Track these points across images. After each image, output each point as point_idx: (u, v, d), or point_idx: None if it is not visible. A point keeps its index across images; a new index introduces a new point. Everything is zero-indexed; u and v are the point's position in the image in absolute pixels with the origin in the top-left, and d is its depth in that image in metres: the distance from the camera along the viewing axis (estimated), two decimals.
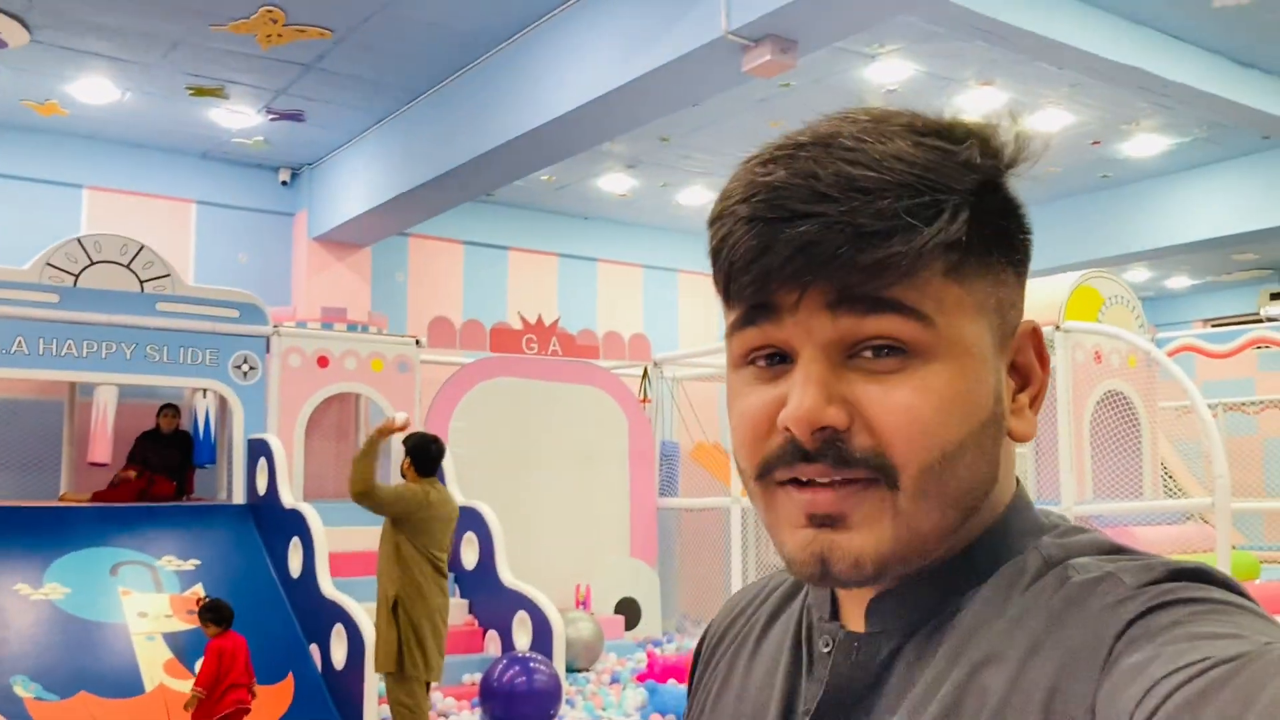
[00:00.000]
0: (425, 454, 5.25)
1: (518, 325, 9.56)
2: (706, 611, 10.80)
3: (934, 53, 7.20)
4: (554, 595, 7.55)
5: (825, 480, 0.65)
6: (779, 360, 0.67)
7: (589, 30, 6.32)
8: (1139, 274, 12.34)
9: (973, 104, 8.09)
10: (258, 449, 7.68)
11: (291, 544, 7.05)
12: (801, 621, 0.77)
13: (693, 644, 8.85)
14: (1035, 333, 0.71)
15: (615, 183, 10.10)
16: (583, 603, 8.94)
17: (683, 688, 6.89)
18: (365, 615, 6.27)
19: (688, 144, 9.05)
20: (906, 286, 0.63)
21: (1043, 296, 8.73)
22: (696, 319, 12.05)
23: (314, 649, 6.65)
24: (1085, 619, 0.60)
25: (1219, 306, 13.42)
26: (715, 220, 0.68)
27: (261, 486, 7.57)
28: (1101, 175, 9.91)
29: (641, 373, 10.47)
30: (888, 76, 7.60)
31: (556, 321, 9.72)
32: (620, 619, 9.13)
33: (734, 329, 0.69)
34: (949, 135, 0.66)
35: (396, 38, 6.97)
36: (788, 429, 0.64)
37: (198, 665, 6.14)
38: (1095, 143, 9.02)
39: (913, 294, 0.63)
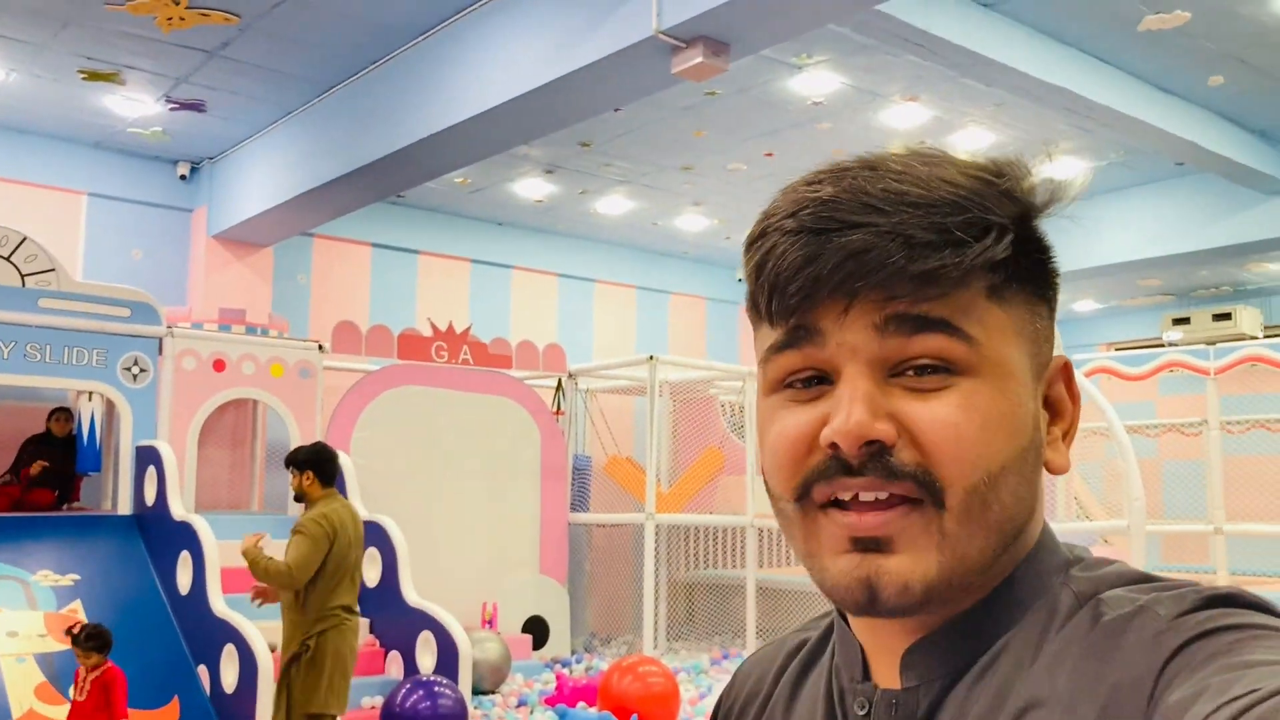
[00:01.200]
0: (325, 461, 4.90)
1: (427, 332, 9.24)
2: (616, 629, 10.58)
3: (861, 66, 7.11)
4: (459, 614, 7.25)
5: (870, 498, 0.64)
6: (816, 382, 0.66)
7: (513, 25, 6.07)
8: None
9: (897, 119, 8.04)
10: (147, 456, 7.23)
11: (181, 558, 6.63)
12: (831, 685, 0.74)
13: (602, 664, 8.65)
14: (1067, 367, 0.72)
15: (532, 188, 9.85)
16: (489, 622, 8.63)
17: (591, 712, 6.65)
18: (259, 635, 5.90)
19: (609, 150, 8.84)
20: (953, 305, 0.64)
21: None
22: (612, 330, 11.83)
23: (203, 670, 6.24)
24: (1124, 656, 0.59)
25: (1123, 330, 13.66)
26: (757, 239, 0.67)
27: (150, 497, 7.12)
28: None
29: (555, 384, 10.23)
30: (814, 88, 7.49)
31: (468, 329, 9.43)
32: (528, 638, 8.85)
33: (772, 352, 0.67)
34: (989, 169, 0.67)
35: (307, 26, 6.63)
36: (834, 445, 0.63)
37: (72, 690, 5.71)
38: None
39: (958, 313, 0.64)
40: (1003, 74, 6.57)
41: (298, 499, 4.96)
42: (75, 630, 5.22)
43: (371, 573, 7.25)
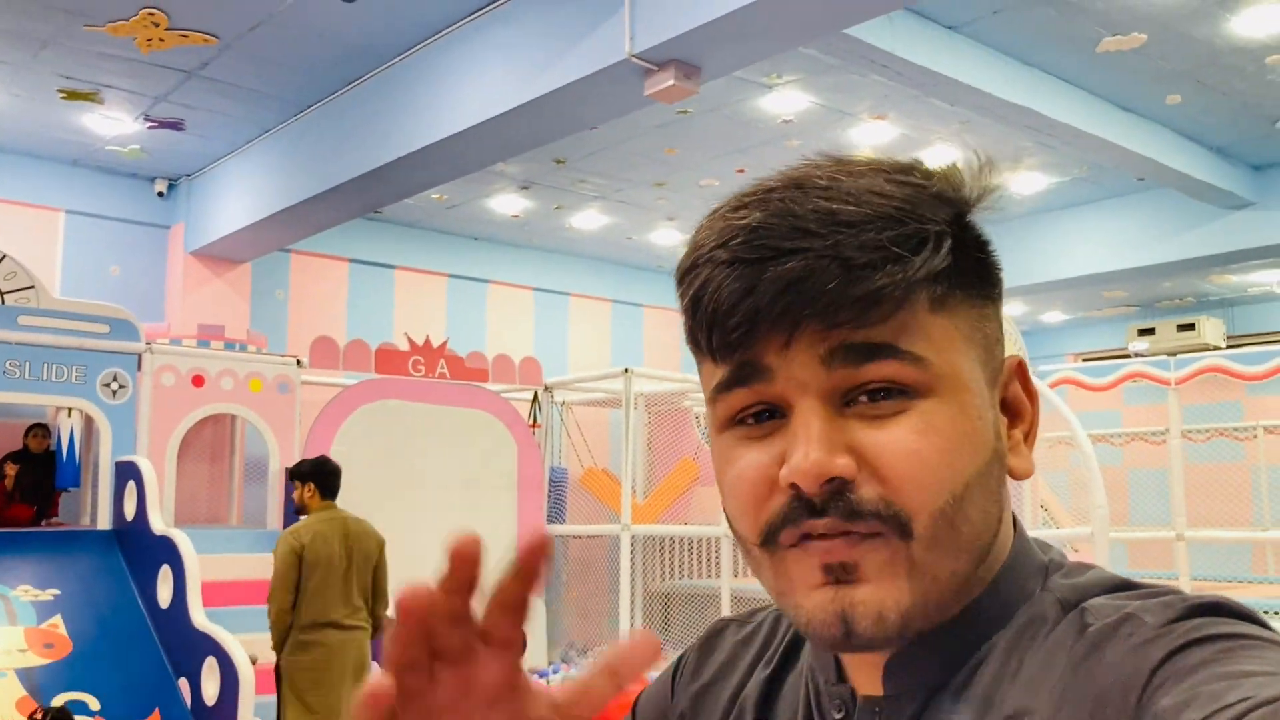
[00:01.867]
0: (327, 475, 4.97)
1: (404, 346, 9.33)
2: (593, 640, 10.67)
3: (830, 85, 7.28)
4: None
5: (834, 534, 0.62)
6: (768, 416, 0.64)
7: (489, 47, 6.20)
8: (1016, 307, 12.72)
9: (866, 137, 8.22)
10: (126, 472, 7.27)
11: (161, 572, 6.68)
12: (808, 684, 0.73)
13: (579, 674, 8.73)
14: (1021, 367, 0.70)
15: (508, 204, 9.97)
16: None
17: None
18: (240, 647, 5.97)
19: (583, 167, 8.97)
20: (897, 326, 0.62)
21: None
22: (587, 343, 11.96)
23: (183, 683, 6.29)
24: (1111, 664, 0.58)
25: (1090, 341, 13.91)
26: (689, 271, 0.65)
27: (130, 511, 7.17)
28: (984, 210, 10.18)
29: (531, 397, 10.33)
30: (784, 107, 7.66)
31: (445, 343, 9.52)
32: None
33: (719, 390, 0.65)
34: (916, 173, 0.65)
35: (286, 47, 6.74)
36: (793, 485, 0.61)
37: (54, 702, 5.77)
38: None
39: (904, 334, 0.62)
40: (967, 94, 6.75)
41: (299, 511, 5.00)
42: (38, 715, 5.27)
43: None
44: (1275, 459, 10.61)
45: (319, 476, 4.90)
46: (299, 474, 4.97)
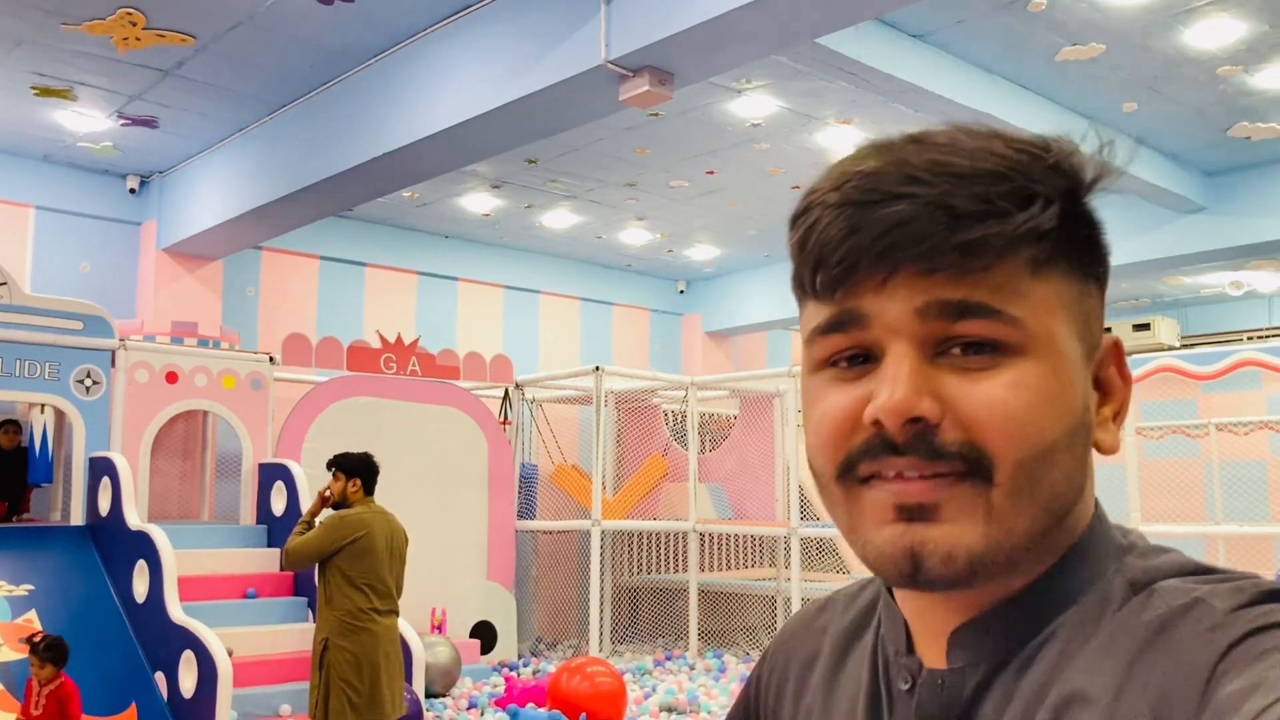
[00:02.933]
0: (372, 473, 5.09)
1: (376, 344, 9.40)
2: (562, 634, 10.80)
3: (798, 91, 7.44)
4: (409, 619, 7.41)
5: (915, 474, 0.63)
6: (862, 360, 0.65)
7: (464, 51, 6.31)
8: None
9: (832, 142, 8.40)
10: (100, 468, 7.32)
11: (137, 567, 6.74)
12: (877, 656, 0.74)
13: (549, 667, 8.87)
14: (1118, 346, 0.70)
15: (479, 202, 10.06)
16: (438, 627, 8.81)
17: (541, 712, 6.87)
18: (218, 641, 6.05)
19: (554, 167, 9.09)
20: (995, 282, 0.63)
21: None
22: (557, 341, 12.07)
23: (160, 677, 6.36)
24: (1179, 647, 0.58)
25: None
26: (801, 214, 0.67)
27: (104, 507, 7.22)
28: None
29: (502, 394, 10.43)
30: (753, 111, 7.81)
31: (416, 341, 9.60)
32: (476, 643, 9.04)
33: (818, 334, 0.67)
34: (1037, 144, 0.66)
35: (262, 48, 6.80)
36: (877, 422, 0.63)
37: (27, 703, 5.81)
38: None
39: (1000, 292, 0.63)
40: (931, 100, 6.93)
41: (335, 505, 5.01)
42: (36, 639, 5.34)
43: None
44: (1228, 455, 10.90)
45: (365, 472, 5.02)
46: (345, 467, 5.02)
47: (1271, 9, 6.31)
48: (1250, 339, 11.69)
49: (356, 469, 5.04)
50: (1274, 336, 12.05)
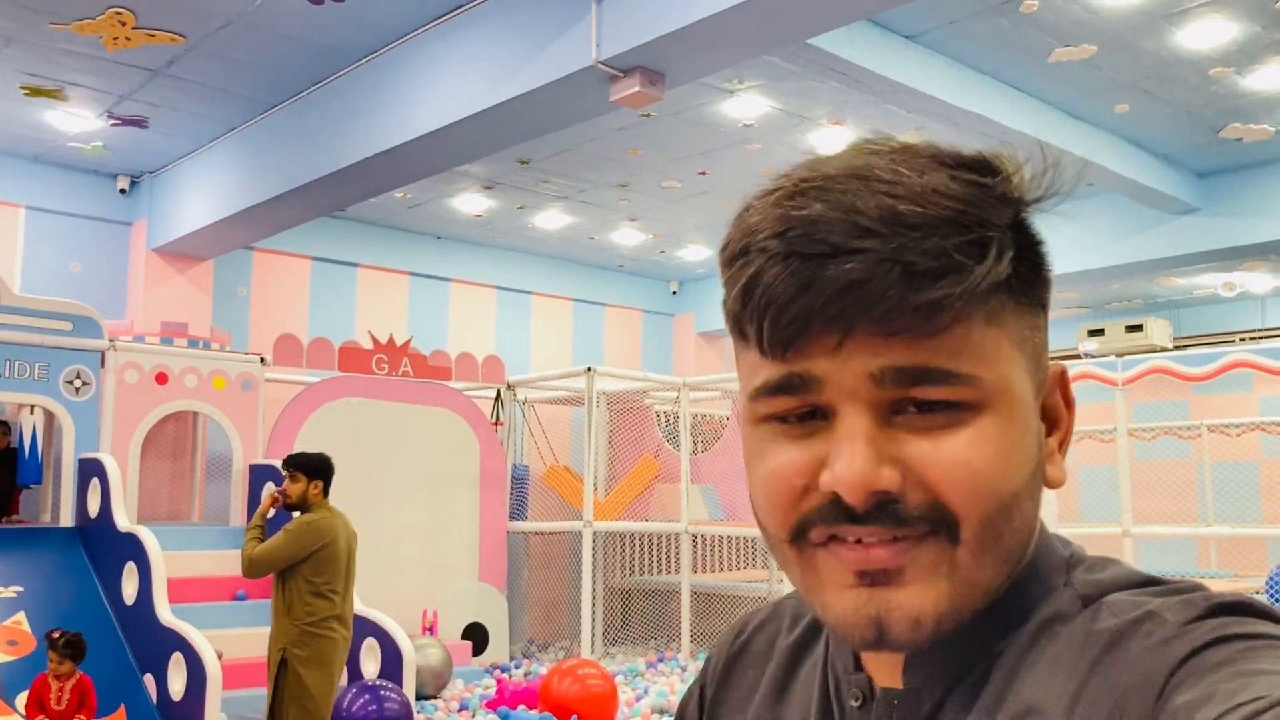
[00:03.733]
0: (330, 474, 4.96)
1: (368, 344, 9.38)
2: (554, 636, 10.78)
3: (790, 91, 7.44)
4: (400, 621, 7.40)
5: (875, 540, 0.61)
6: (810, 416, 0.62)
7: (456, 51, 6.29)
8: None
9: (824, 142, 8.39)
10: (90, 469, 7.29)
11: (126, 569, 6.71)
12: (827, 671, 0.73)
13: (540, 669, 8.86)
14: (1063, 375, 0.68)
15: (471, 203, 10.04)
16: (430, 629, 8.79)
17: (532, 714, 6.85)
18: (207, 644, 6.02)
19: (546, 168, 9.07)
20: (952, 344, 0.60)
21: None
22: (549, 342, 12.05)
23: (149, 679, 6.33)
24: (1132, 660, 0.58)
25: None
26: (739, 256, 0.62)
27: (93, 509, 7.19)
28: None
29: (494, 395, 10.41)
30: (745, 112, 7.80)
31: (408, 342, 9.58)
32: (468, 645, 9.02)
33: (764, 393, 0.63)
34: (980, 168, 0.63)
35: (253, 48, 6.78)
36: (834, 492, 0.60)
37: (19, 700, 5.79)
38: None
39: (958, 355, 0.60)
40: (922, 101, 6.93)
41: (291, 508, 4.93)
42: (56, 636, 5.41)
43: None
44: (1219, 457, 10.92)
45: (325, 473, 4.88)
46: (304, 468, 4.84)
47: (1262, 10, 6.32)
48: (1243, 340, 11.71)
49: (317, 470, 4.86)
50: (1267, 338, 12.07)
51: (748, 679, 0.81)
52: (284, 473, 4.94)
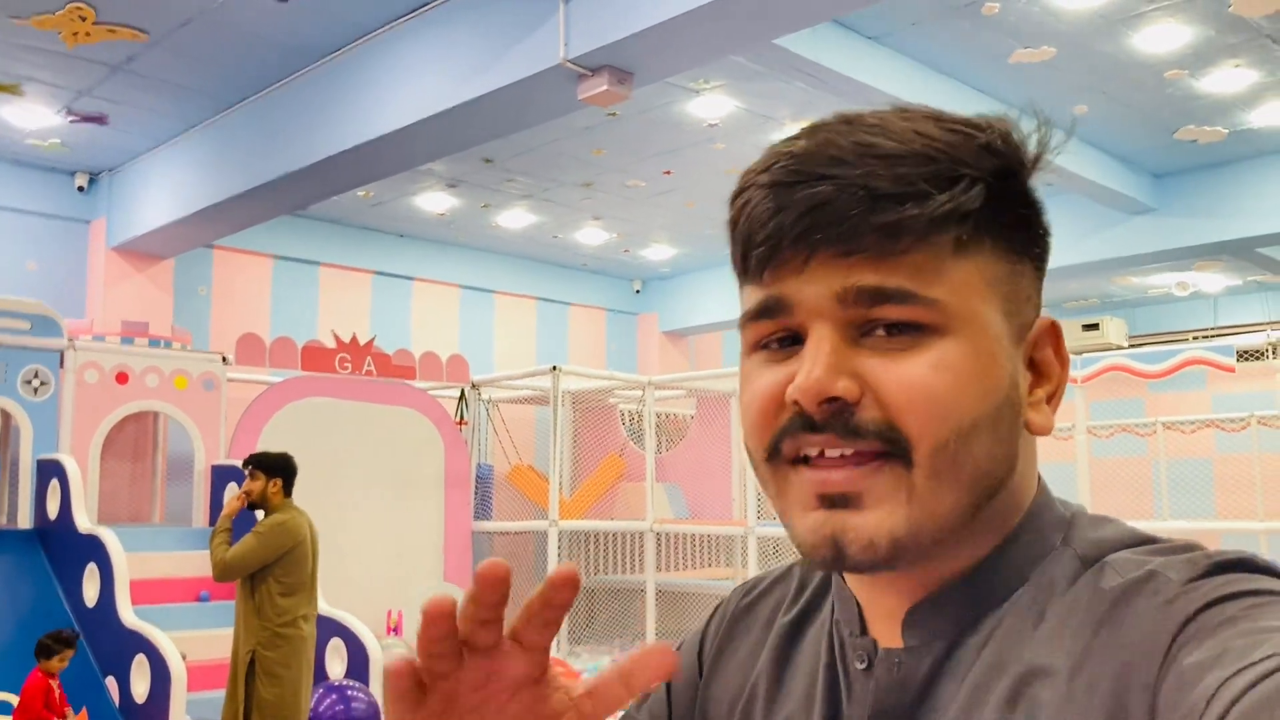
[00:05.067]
0: (293, 473, 4.91)
1: (330, 344, 9.32)
2: None
3: (755, 91, 7.48)
4: (365, 621, 7.36)
5: (836, 454, 0.63)
6: (790, 343, 0.66)
7: (422, 49, 6.27)
8: None
9: None
10: (49, 470, 7.19)
11: (87, 571, 6.63)
12: (833, 636, 0.74)
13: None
14: (1054, 329, 0.70)
15: (434, 201, 10.00)
16: (395, 629, 8.75)
17: None
18: (171, 645, 5.97)
19: (511, 167, 9.06)
20: (914, 266, 0.63)
21: None
22: (513, 341, 12.03)
23: (111, 683, 6.26)
24: (1137, 620, 0.58)
25: None
26: (736, 195, 0.68)
27: (53, 510, 7.09)
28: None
29: (458, 395, 10.38)
30: (710, 111, 7.84)
31: (372, 341, 9.53)
32: None
33: (748, 319, 0.68)
34: (971, 124, 0.66)
35: (216, 44, 6.72)
36: (796, 402, 0.64)
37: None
38: None
39: (921, 277, 0.63)
40: (885, 101, 6.94)
41: (253, 506, 4.90)
42: (67, 636, 5.58)
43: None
44: (1174, 453, 11.10)
45: (286, 472, 4.84)
46: (265, 466, 4.82)
47: (1217, 15, 6.44)
48: (1195, 339, 11.92)
49: (276, 468, 4.83)
50: (1218, 336, 12.29)
51: (752, 637, 0.82)
52: (245, 471, 4.91)
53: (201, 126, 7.99)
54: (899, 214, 0.62)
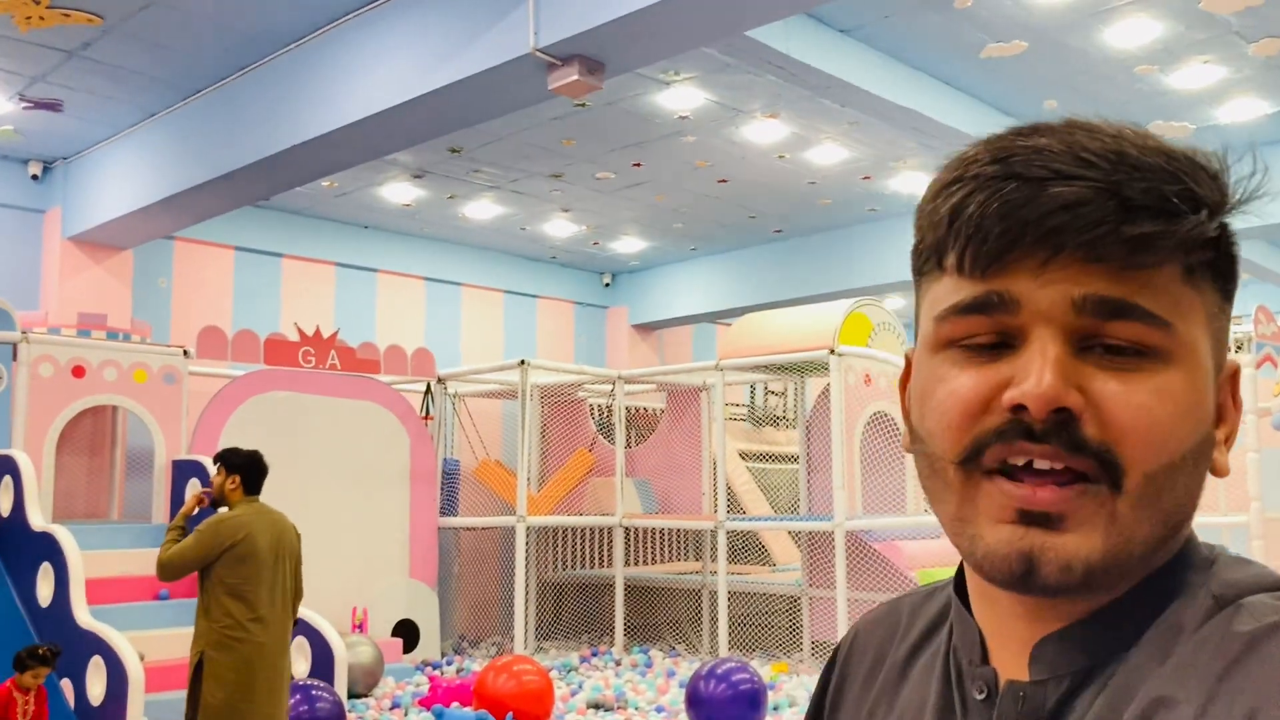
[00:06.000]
0: (257, 472, 4.74)
1: (294, 337, 9.17)
2: (485, 632, 10.67)
3: (726, 84, 7.41)
4: (330, 618, 7.25)
5: (1045, 467, 0.61)
6: (994, 346, 0.63)
7: (389, 36, 6.14)
8: (896, 302, 13.11)
9: (758, 135, 8.39)
10: (2, 466, 7.01)
11: (41, 570, 6.47)
12: (949, 664, 0.72)
13: (473, 665, 8.75)
14: (1236, 373, 0.69)
15: (399, 192, 9.86)
16: (359, 626, 8.63)
17: (467, 711, 6.76)
18: (128, 645, 5.82)
19: (478, 157, 8.94)
20: (1153, 285, 0.61)
21: (817, 322, 9.14)
22: (480, 334, 11.91)
23: (66, 684, 6.11)
24: (1269, 666, 0.57)
25: None
26: (950, 184, 0.64)
27: (5, 507, 6.92)
28: (869, 209, 10.47)
29: (424, 389, 10.26)
30: (680, 103, 7.76)
31: (335, 334, 9.39)
32: (398, 642, 8.88)
33: (956, 312, 0.64)
34: (1196, 151, 0.65)
35: (174, 30, 6.56)
36: (1018, 407, 0.61)
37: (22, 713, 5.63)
38: (866, 177, 9.52)
39: (1157, 297, 0.61)
40: (856, 95, 6.95)
41: (215, 503, 4.75)
42: (42, 652, 5.42)
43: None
44: None
45: (249, 471, 4.66)
46: (230, 463, 4.66)
47: (1186, 10, 6.44)
48: None
49: (241, 467, 4.65)
50: None
51: (861, 674, 0.81)
52: (215, 467, 4.78)
53: (161, 115, 7.81)
54: (1152, 227, 0.60)
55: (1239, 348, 7.62)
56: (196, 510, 4.83)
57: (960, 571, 0.73)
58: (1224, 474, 0.66)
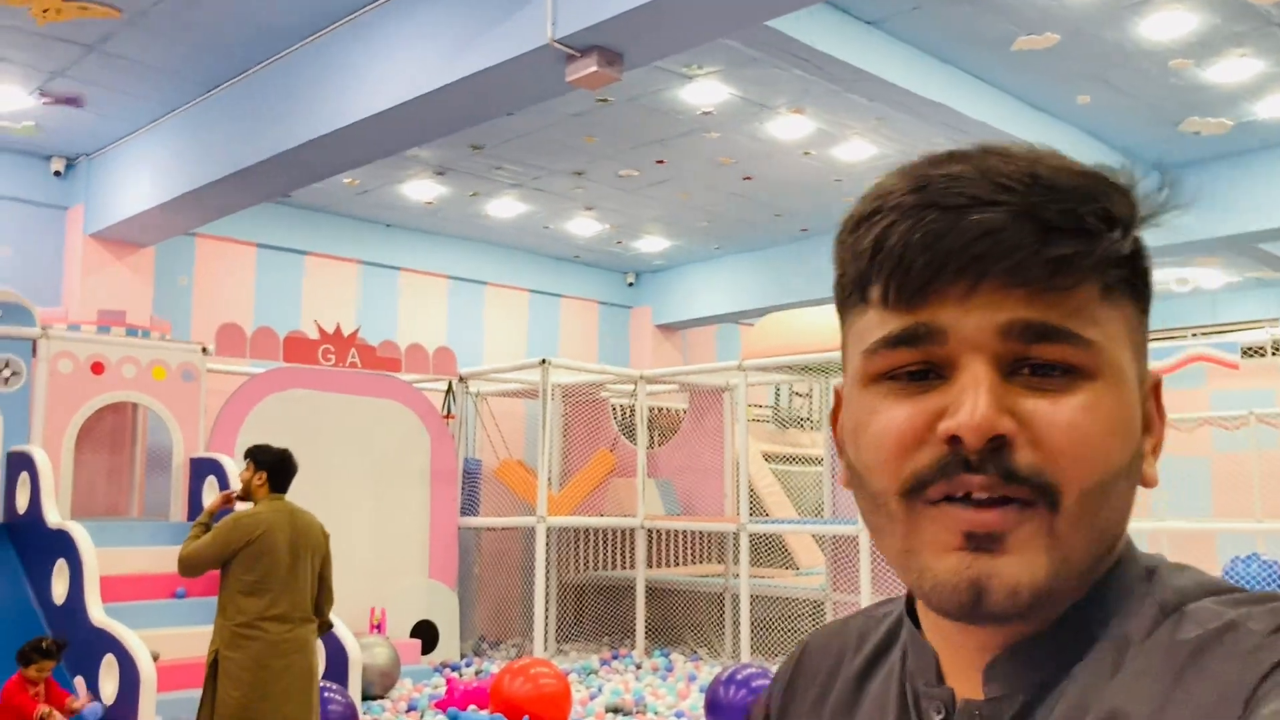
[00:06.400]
0: (285, 470, 4.68)
1: (314, 335, 9.12)
2: (505, 633, 10.58)
3: (750, 78, 7.28)
4: (347, 619, 7.18)
5: (985, 497, 0.61)
6: (924, 376, 0.64)
7: (407, 28, 6.06)
8: None
9: (784, 131, 8.25)
10: (19, 462, 6.99)
11: (56, 567, 6.43)
12: (904, 688, 0.72)
13: (492, 667, 8.65)
14: (1158, 384, 0.70)
15: (422, 189, 9.79)
16: (377, 626, 8.56)
17: (483, 714, 6.66)
18: (140, 644, 5.77)
19: (500, 154, 8.85)
20: (1074, 306, 0.62)
21: (820, 326, 8.99)
22: (503, 334, 11.83)
23: (79, 682, 6.06)
24: (1218, 670, 0.58)
25: None
26: (869, 216, 0.65)
27: (22, 504, 6.89)
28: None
29: (445, 388, 10.19)
30: (703, 98, 7.64)
31: (356, 332, 9.33)
32: (417, 643, 8.80)
33: (883, 345, 0.64)
34: (1107, 170, 0.65)
35: (194, 23, 6.50)
36: (954, 438, 0.61)
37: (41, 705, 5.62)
38: None
39: (1079, 317, 0.62)
40: (884, 89, 6.81)
41: (242, 498, 4.72)
42: (46, 645, 5.45)
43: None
44: (1172, 451, 10.93)
45: (276, 468, 4.60)
46: (259, 459, 4.62)
47: (1224, 2, 6.25)
48: (1195, 335, 11.77)
49: (268, 463, 4.62)
50: (1217, 333, 12.14)
51: (810, 697, 0.80)
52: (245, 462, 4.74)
53: (181, 110, 7.77)
54: (1072, 248, 0.61)
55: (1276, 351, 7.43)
56: (222, 507, 4.79)
57: (910, 594, 0.73)
58: (1153, 484, 0.67)
